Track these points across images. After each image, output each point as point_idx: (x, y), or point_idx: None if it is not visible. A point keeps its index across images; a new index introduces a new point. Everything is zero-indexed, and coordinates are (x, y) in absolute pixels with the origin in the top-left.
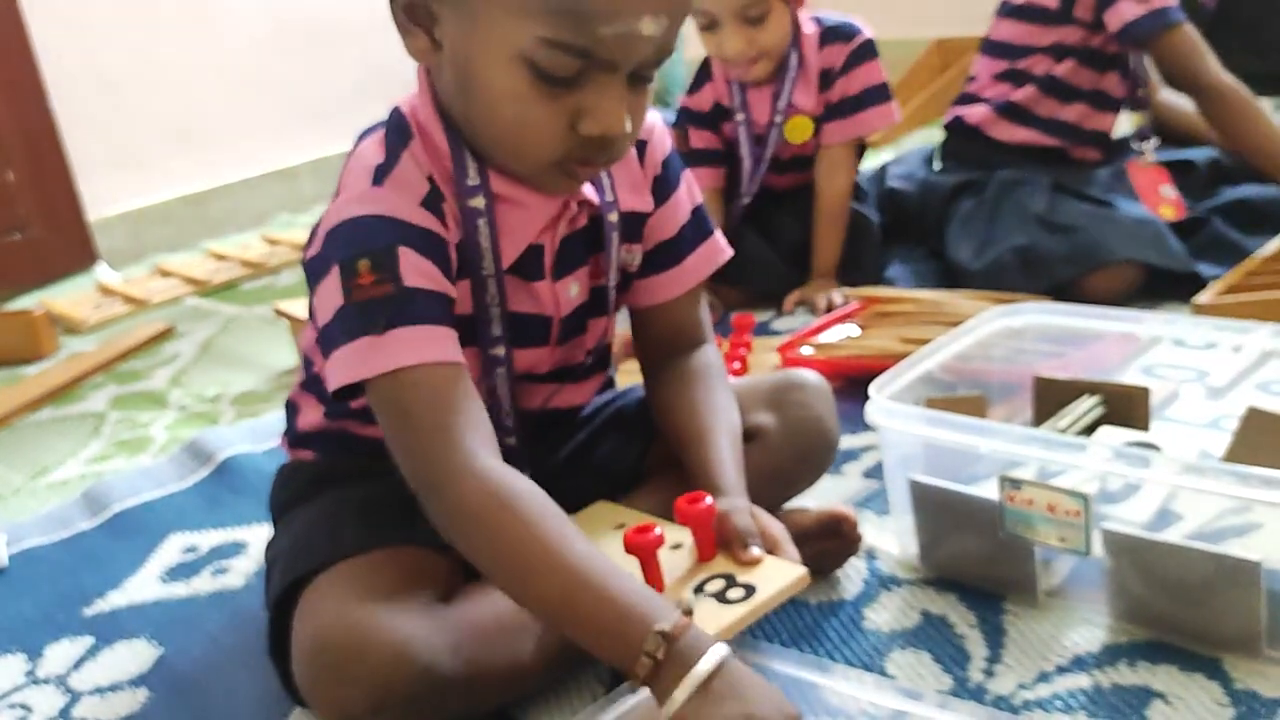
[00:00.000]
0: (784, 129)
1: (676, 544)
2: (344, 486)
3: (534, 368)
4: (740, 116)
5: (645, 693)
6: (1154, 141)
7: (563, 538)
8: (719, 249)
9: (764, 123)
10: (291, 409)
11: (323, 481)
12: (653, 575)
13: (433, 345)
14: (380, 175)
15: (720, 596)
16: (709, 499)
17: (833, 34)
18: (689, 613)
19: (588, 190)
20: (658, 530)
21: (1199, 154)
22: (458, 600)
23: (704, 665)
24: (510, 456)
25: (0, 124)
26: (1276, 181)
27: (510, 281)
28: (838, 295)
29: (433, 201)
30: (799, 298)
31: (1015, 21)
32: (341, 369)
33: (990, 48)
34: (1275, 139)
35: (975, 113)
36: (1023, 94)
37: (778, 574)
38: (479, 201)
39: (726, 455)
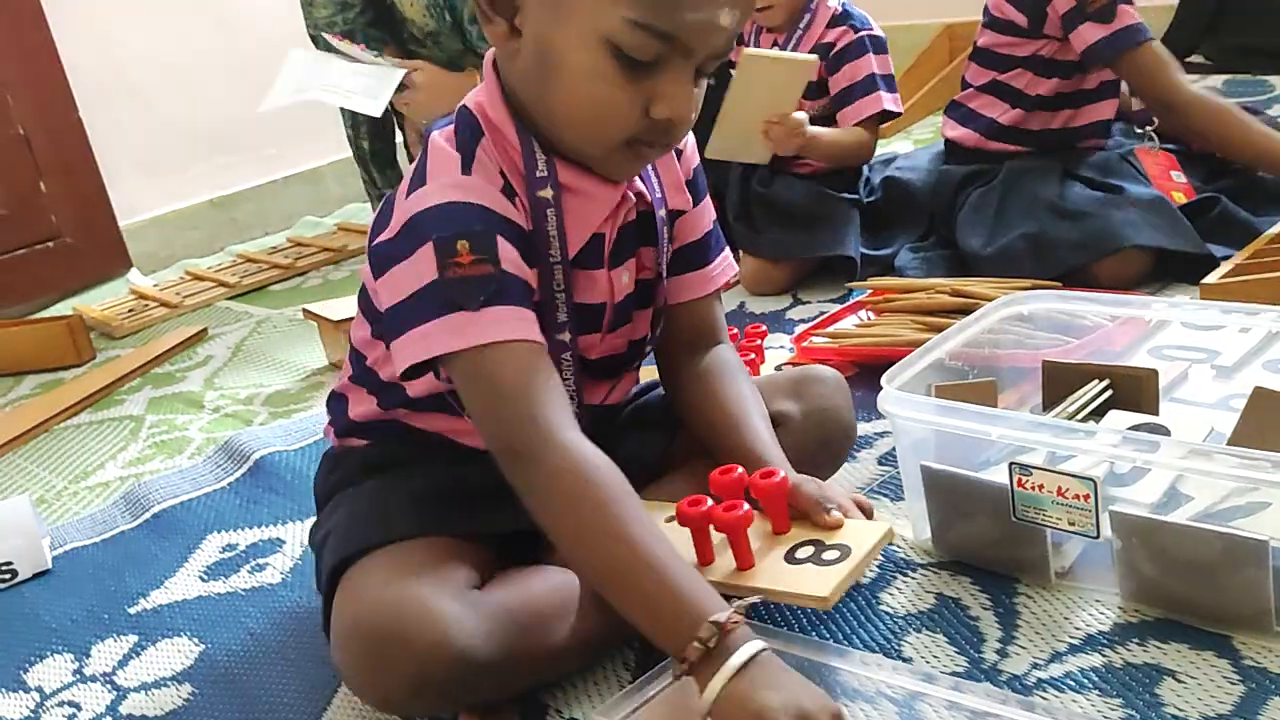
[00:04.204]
0: None
1: None
2: (392, 473)
3: (586, 353)
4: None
5: (668, 679)
6: (1154, 125)
7: (636, 518)
8: (733, 263)
9: None
10: (338, 401)
11: (371, 468)
12: (742, 551)
13: (523, 324)
14: (467, 165)
15: (817, 560)
16: (781, 472)
17: (846, 18)
18: (741, 612)
19: (641, 186)
20: (745, 507)
21: None
22: (493, 586)
23: (741, 656)
24: None
25: (33, 136)
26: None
27: (574, 272)
28: None
29: (509, 193)
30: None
31: (994, 33)
32: (425, 343)
33: (977, 55)
34: (1259, 138)
35: (969, 136)
36: (1011, 116)
37: (865, 532)
38: (547, 193)
39: (766, 435)
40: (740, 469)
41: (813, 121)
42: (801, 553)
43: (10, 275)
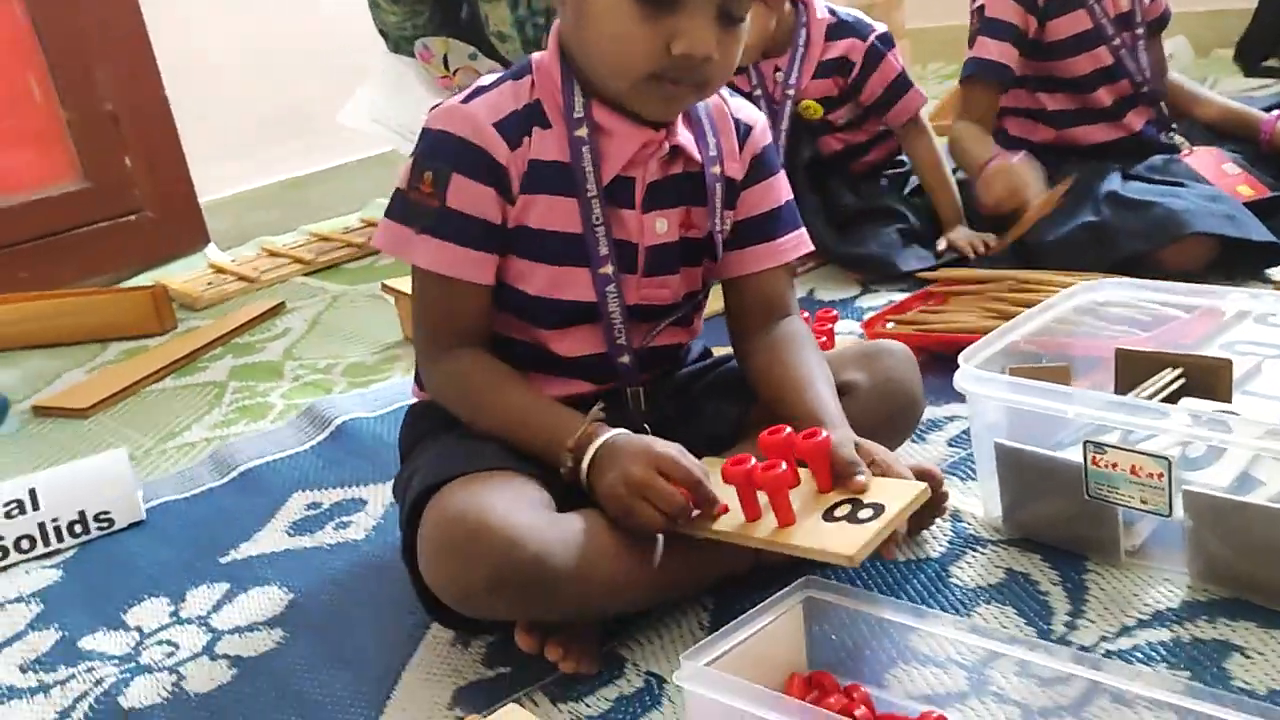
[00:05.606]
0: (799, 108)
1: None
2: None
3: (625, 295)
4: (755, 80)
5: (748, 632)
6: (1176, 128)
7: (504, 393)
8: (805, 241)
9: (775, 95)
10: None
11: (454, 421)
12: (782, 508)
13: (445, 259)
14: (473, 95)
15: (851, 518)
16: (824, 432)
17: (846, 29)
18: (598, 417)
19: (685, 140)
20: (783, 467)
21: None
22: (574, 513)
23: (585, 460)
24: (627, 376)
25: (120, 113)
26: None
27: (607, 209)
28: (975, 236)
29: (516, 124)
30: (945, 243)
31: None
32: (383, 236)
33: None
34: (965, 159)
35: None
36: (1044, 135)
37: (899, 491)
38: (583, 131)
39: (827, 397)
40: (789, 429)
41: (839, 127)
42: (839, 511)
43: (94, 246)
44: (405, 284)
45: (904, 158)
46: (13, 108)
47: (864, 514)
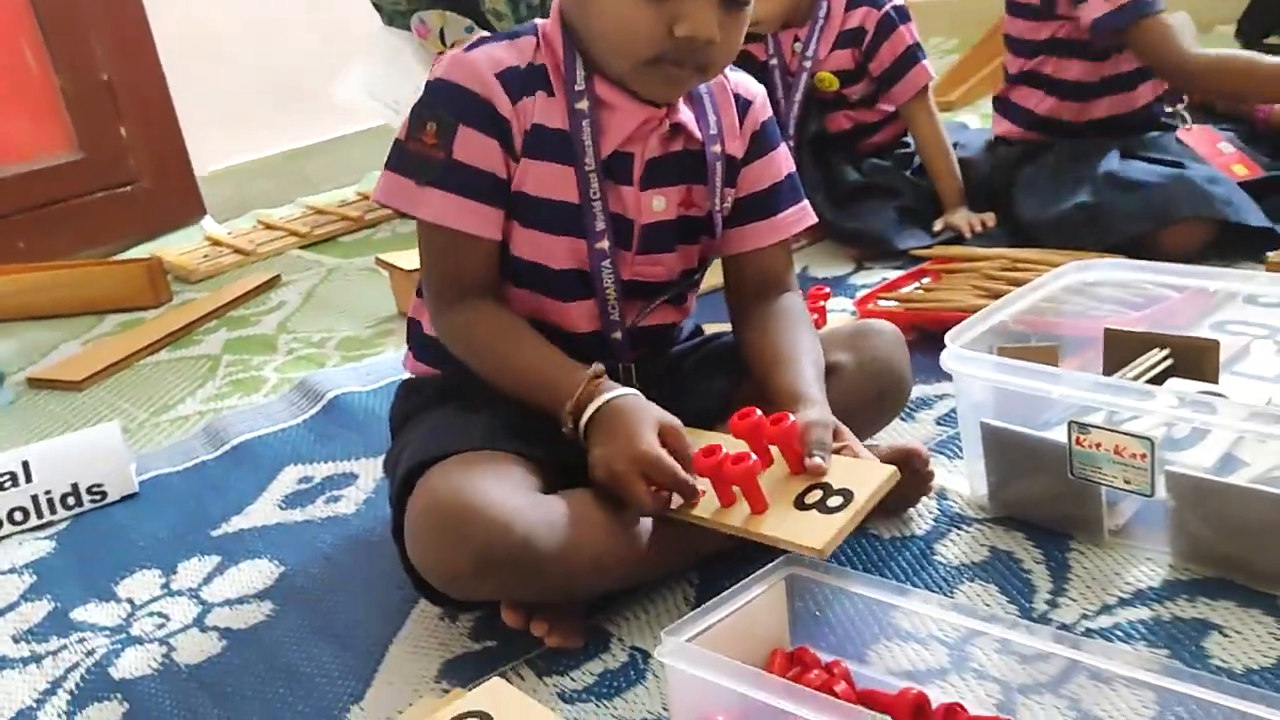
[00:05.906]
0: (815, 80)
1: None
2: (465, 401)
3: (620, 270)
4: (771, 50)
5: (731, 608)
6: (1184, 103)
7: (512, 347)
8: (808, 213)
9: (792, 66)
10: (414, 324)
11: (446, 396)
12: (754, 497)
13: (452, 213)
14: (477, 44)
15: (822, 506)
16: (792, 417)
17: None
18: (598, 375)
19: (686, 118)
20: (753, 459)
21: None
22: (558, 495)
23: (583, 423)
24: (618, 353)
25: (115, 83)
26: None
27: (604, 183)
28: (974, 216)
29: (519, 80)
30: (943, 224)
31: (1014, 18)
32: (383, 189)
33: (1008, 43)
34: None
35: (1013, 130)
36: (1047, 105)
37: (869, 475)
38: (584, 104)
39: (809, 374)
40: (758, 413)
41: (853, 104)
42: (810, 497)
43: (90, 217)
44: (400, 258)
45: (909, 139)
46: (6, 77)
47: (834, 501)
